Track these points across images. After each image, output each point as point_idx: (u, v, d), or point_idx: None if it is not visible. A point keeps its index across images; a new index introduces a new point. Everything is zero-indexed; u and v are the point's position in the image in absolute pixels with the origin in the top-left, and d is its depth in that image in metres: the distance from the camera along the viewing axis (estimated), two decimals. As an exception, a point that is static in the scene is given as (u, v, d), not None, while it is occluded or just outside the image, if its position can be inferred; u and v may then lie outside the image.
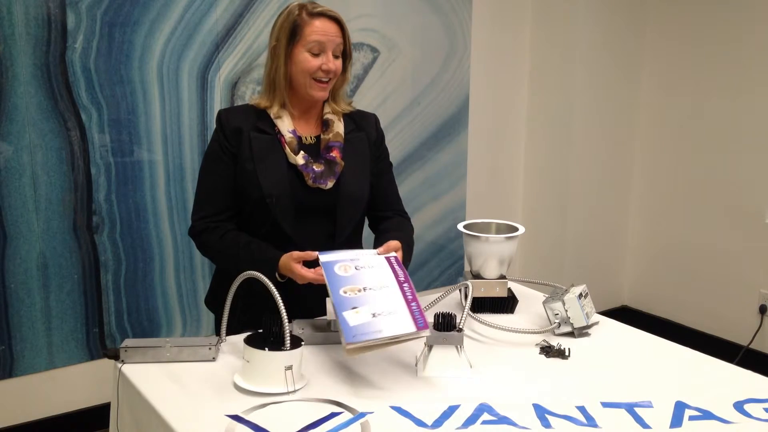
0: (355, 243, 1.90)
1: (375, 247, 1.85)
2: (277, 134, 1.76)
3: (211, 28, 2.72)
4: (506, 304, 1.85)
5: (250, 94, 2.83)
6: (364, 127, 1.88)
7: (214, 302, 1.93)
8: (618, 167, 3.78)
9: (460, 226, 1.89)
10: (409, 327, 1.35)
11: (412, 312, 1.38)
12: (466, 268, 1.94)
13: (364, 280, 1.44)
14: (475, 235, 1.83)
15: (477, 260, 1.84)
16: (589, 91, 3.56)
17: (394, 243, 1.67)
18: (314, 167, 1.75)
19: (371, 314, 1.34)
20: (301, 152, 1.75)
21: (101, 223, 2.62)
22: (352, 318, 1.34)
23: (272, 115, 1.76)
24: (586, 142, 3.61)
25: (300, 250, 1.71)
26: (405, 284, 1.46)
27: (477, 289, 1.81)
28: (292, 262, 1.64)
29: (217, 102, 2.78)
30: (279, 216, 1.73)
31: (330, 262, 1.48)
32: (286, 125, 1.76)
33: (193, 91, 2.73)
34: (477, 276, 1.86)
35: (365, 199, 1.86)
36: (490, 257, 1.82)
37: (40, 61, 2.42)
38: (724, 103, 3.40)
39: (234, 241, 1.75)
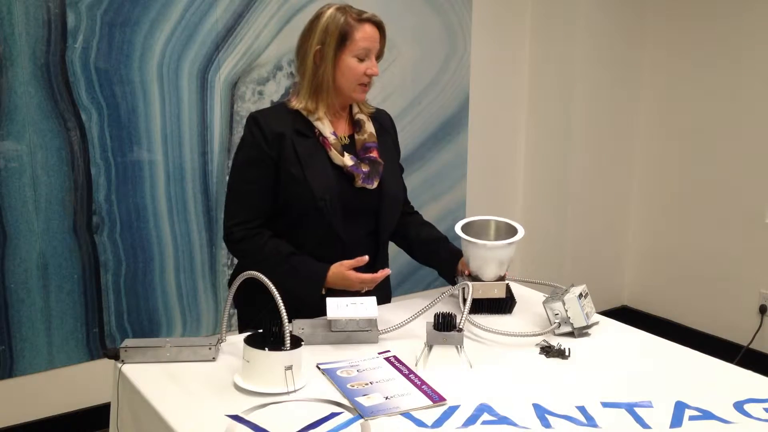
0: (386, 242, 1.93)
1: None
2: (318, 137, 1.76)
3: (211, 28, 2.72)
4: (504, 305, 1.84)
5: (250, 94, 2.83)
6: (385, 126, 1.92)
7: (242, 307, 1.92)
8: (618, 167, 3.78)
9: (458, 226, 1.86)
10: (425, 401, 1.36)
11: (425, 392, 1.40)
12: (466, 268, 1.93)
13: (369, 377, 1.46)
14: (472, 242, 1.80)
15: (474, 264, 1.82)
16: (589, 91, 3.56)
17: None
18: (362, 168, 1.77)
19: (384, 398, 1.37)
20: (346, 153, 1.77)
21: (101, 223, 2.62)
22: (365, 401, 1.35)
23: (314, 118, 1.76)
24: (586, 141, 3.61)
25: (349, 252, 1.75)
26: (411, 375, 1.47)
27: (475, 290, 1.80)
28: (345, 271, 1.70)
29: (217, 102, 2.78)
30: (332, 219, 1.74)
31: (331, 369, 1.49)
32: (327, 127, 1.77)
33: (193, 91, 2.72)
34: (475, 279, 1.83)
35: (402, 196, 1.93)
36: (488, 261, 1.80)
37: (40, 61, 2.42)
38: (724, 103, 3.40)
39: (275, 251, 1.75)
